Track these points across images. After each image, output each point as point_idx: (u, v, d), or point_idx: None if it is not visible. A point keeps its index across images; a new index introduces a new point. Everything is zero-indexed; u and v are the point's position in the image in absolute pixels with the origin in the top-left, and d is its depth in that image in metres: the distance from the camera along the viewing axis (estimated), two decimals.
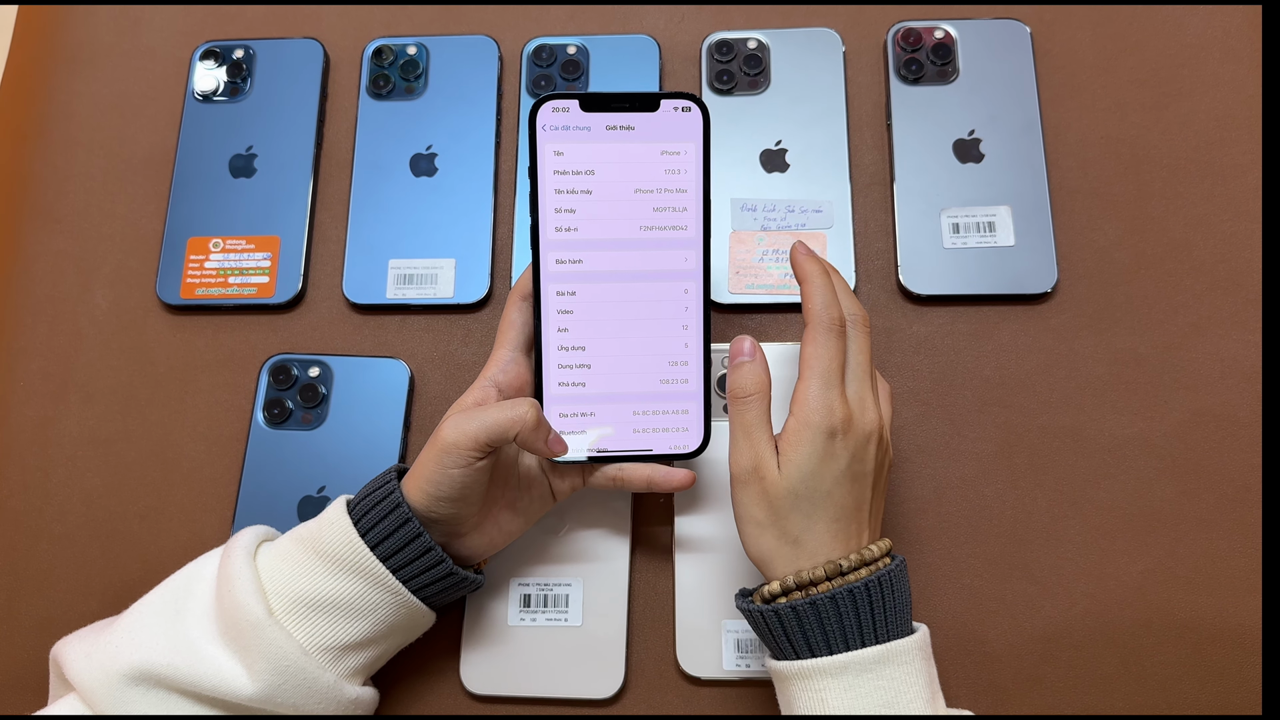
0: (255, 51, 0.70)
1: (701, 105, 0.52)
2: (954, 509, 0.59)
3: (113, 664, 0.46)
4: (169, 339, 0.65)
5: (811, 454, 0.47)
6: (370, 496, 0.50)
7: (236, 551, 0.49)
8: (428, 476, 0.49)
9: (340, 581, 0.48)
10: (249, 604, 0.47)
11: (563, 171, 0.52)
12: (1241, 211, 0.64)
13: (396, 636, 0.52)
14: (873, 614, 0.46)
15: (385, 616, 0.49)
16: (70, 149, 0.70)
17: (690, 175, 0.52)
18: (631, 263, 0.53)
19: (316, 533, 0.49)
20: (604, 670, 0.56)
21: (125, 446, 0.63)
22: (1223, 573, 0.58)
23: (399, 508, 0.49)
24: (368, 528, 0.49)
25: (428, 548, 0.49)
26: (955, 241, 0.63)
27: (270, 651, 0.46)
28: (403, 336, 0.65)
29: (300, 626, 0.48)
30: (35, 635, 0.60)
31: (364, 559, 0.48)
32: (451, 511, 0.50)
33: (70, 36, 0.72)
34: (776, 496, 0.47)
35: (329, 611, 0.48)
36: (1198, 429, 0.60)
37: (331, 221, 0.67)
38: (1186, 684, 0.56)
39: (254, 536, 0.51)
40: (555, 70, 0.68)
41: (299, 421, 0.62)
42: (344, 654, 0.49)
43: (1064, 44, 0.68)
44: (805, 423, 0.47)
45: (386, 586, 0.49)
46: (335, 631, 0.48)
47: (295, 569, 0.49)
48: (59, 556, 0.61)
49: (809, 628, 0.46)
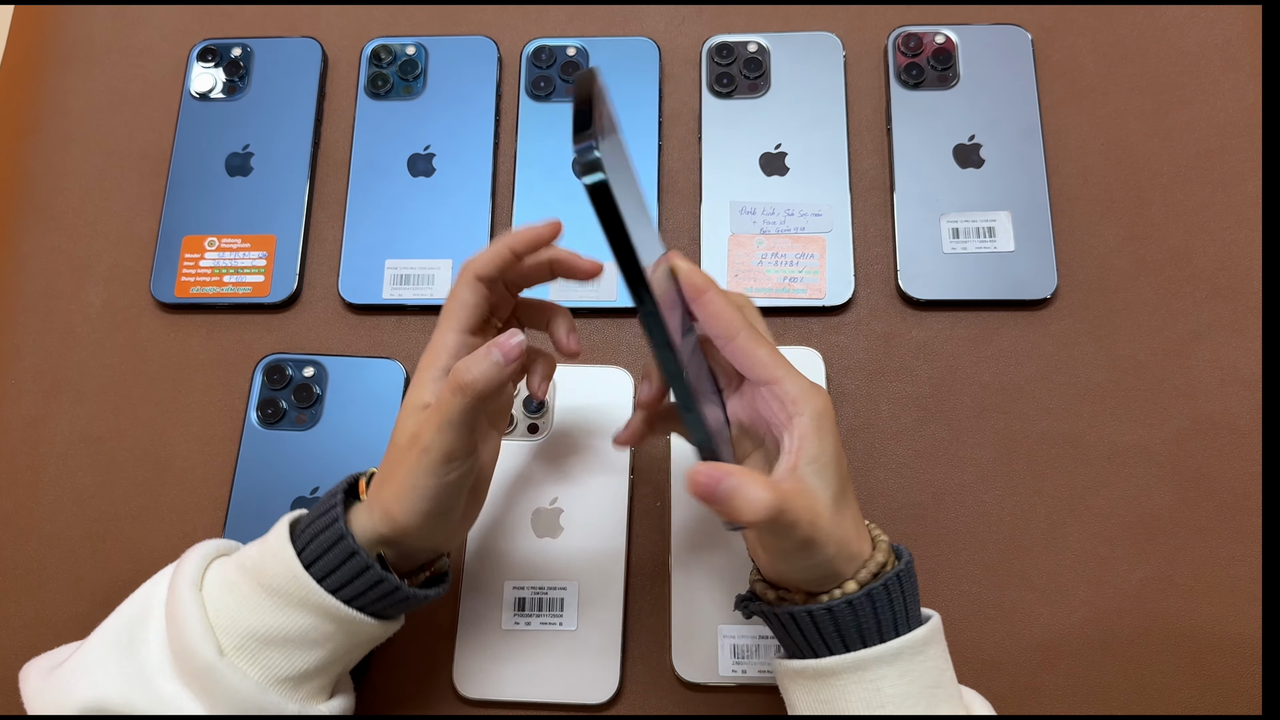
0: (253, 50, 0.69)
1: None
2: (952, 515, 0.59)
3: (68, 698, 0.45)
4: (163, 338, 0.65)
5: (835, 442, 0.44)
6: (314, 524, 0.46)
7: (182, 587, 0.46)
8: (408, 487, 0.45)
9: (288, 616, 0.45)
10: (198, 648, 0.44)
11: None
12: (1241, 219, 0.63)
13: (356, 652, 0.49)
14: (905, 598, 0.45)
15: (341, 642, 0.46)
16: (66, 146, 0.69)
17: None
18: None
19: (259, 563, 0.46)
20: (599, 675, 0.56)
21: (117, 445, 0.63)
22: (1222, 581, 0.57)
23: (342, 539, 0.45)
24: (312, 558, 0.45)
25: (378, 579, 0.45)
26: (955, 247, 0.63)
27: (226, 693, 0.44)
28: (399, 337, 0.64)
29: (252, 664, 0.45)
30: (25, 635, 0.59)
31: (311, 593, 0.45)
32: (432, 525, 0.46)
33: (67, 34, 0.72)
34: (820, 517, 0.43)
35: (280, 645, 0.45)
36: (1197, 436, 0.60)
37: (328, 221, 0.66)
38: (1185, 692, 0.56)
39: (200, 561, 0.48)
40: (555, 72, 0.68)
41: (293, 422, 0.61)
42: (301, 682, 0.46)
43: (1064, 50, 0.68)
44: (818, 415, 0.44)
45: (337, 617, 0.45)
46: (290, 663, 0.45)
47: (241, 604, 0.45)
48: (49, 556, 0.61)
49: (865, 619, 0.44)
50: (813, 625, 0.44)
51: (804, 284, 0.63)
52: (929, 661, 0.45)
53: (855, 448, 0.60)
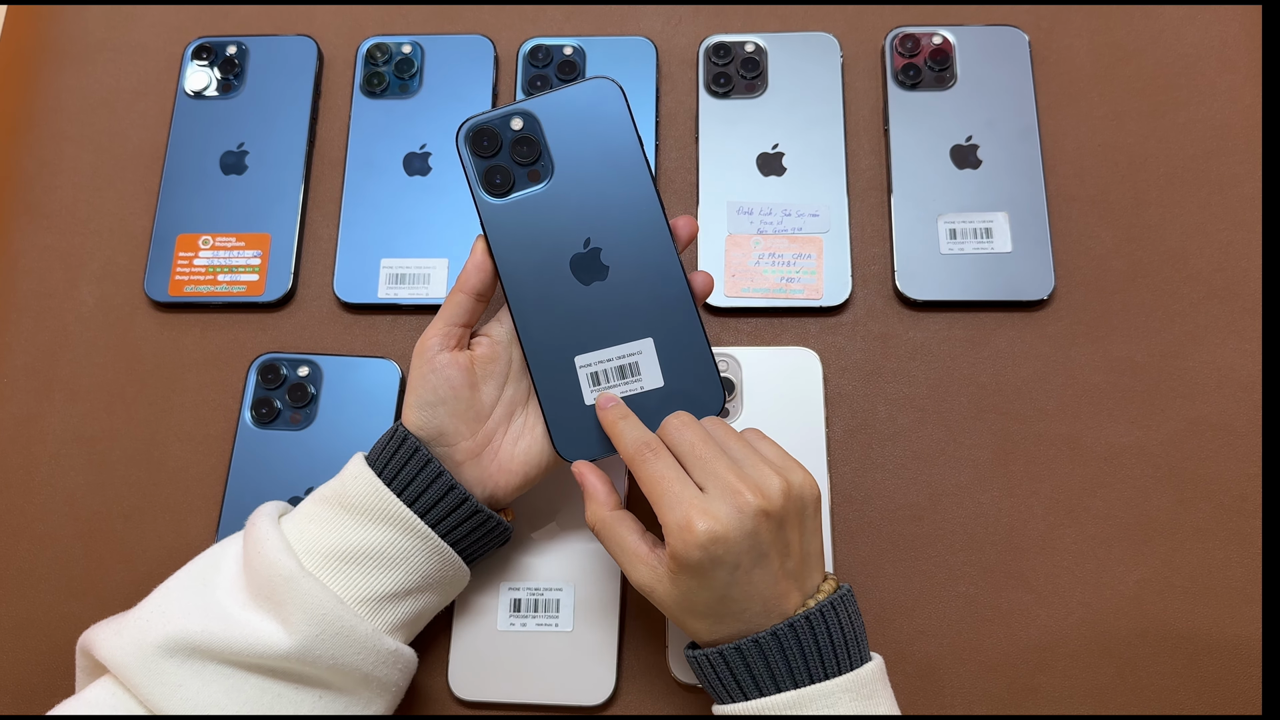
0: (248, 48, 0.69)
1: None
2: (950, 516, 0.59)
3: (145, 638, 0.45)
4: (156, 336, 0.64)
5: (690, 580, 0.45)
6: (387, 446, 0.50)
7: (261, 519, 0.49)
8: (410, 388, 0.51)
9: (370, 531, 0.48)
10: (280, 560, 0.46)
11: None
12: (1238, 221, 0.63)
13: (432, 592, 0.51)
14: (845, 636, 0.47)
15: (419, 564, 0.49)
16: (59, 144, 0.69)
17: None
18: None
19: (340, 489, 0.50)
20: (595, 676, 0.56)
21: (110, 445, 0.62)
22: (1219, 583, 0.57)
23: (418, 450, 0.49)
24: (391, 475, 0.49)
25: (450, 486, 0.49)
26: (952, 247, 0.63)
27: (306, 603, 0.46)
28: (394, 337, 0.64)
29: (334, 579, 0.48)
30: (15, 637, 0.59)
31: (392, 506, 0.49)
32: (436, 421, 0.50)
33: (61, 31, 0.72)
34: (674, 607, 0.47)
35: (361, 562, 0.48)
36: (1194, 438, 0.60)
37: (323, 220, 0.66)
38: (1182, 694, 0.56)
39: (274, 508, 0.51)
40: (551, 71, 0.68)
41: (287, 421, 0.61)
42: (381, 605, 0.49)
43: (1062, 51, 0.68)
44: (673, 554, 0.45)
45: (415, 532, 0.49)
46: (370, 582, 0.48)
47: (323, 526, 0.49)
48: (41, 556, 0.60)
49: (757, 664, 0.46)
50: (724, 664, 0.46)
51: (801, 284, 0.63)
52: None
53: (852, 449, 0.60)
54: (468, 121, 0.51)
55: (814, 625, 0.46)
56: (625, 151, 0.51)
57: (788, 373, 0.61)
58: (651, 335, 0.51)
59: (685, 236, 0.52)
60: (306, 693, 0.47)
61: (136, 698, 0.45)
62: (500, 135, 0.51)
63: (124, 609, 0.49)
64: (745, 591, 0.45)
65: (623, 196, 0.51)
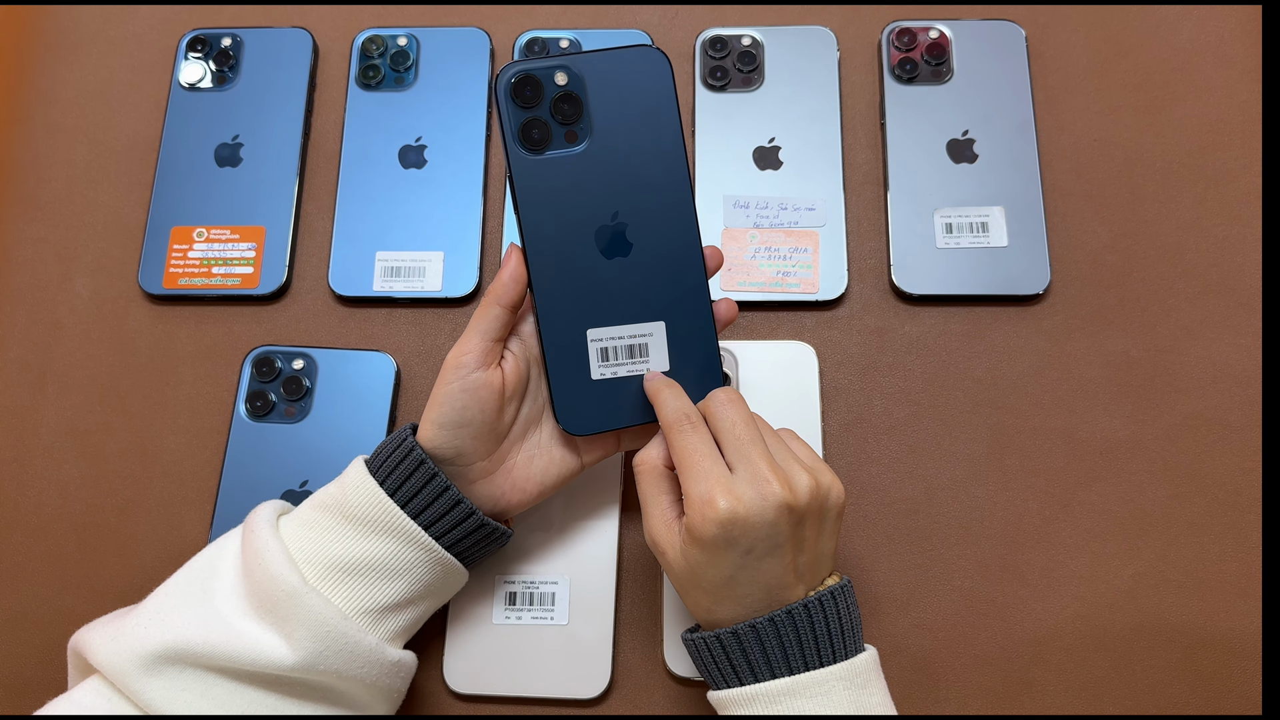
0: (243, 40, 0.69)
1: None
2: (945, 510, 0.59)
3: (141, 645, 0.45)
4: (150, 329, 0.64)
5: (700, 554, 0.45)
6: (392, 455, 0.49)
7: (259, 525, 0.48)
8: (432, 404, 0.49)
9: (372, 543, 0.48)
10: (283, 574, 0.46)
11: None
12: (1233, 216, 0.64)
13: (432, 597, 0.51)
14: (829, 632, 0.47)
15: (421, 575, 0.49)
16: (53, 135, 0.68)
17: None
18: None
19: (340, 497, 0.49)
20: (590, 670, 0.56)
21: (104, 438, 0.62)
22: (1214, 577, 0.57)
23: (424, 463, 0.48)
24: (394, 486, 0.49)
25: (456, 500, 0.49)
26: (948, 241, 0.63)
27: (309, 619, 0.45)
28: (389, 330, 0.64)
29: (337, 591, 0.47)
30: (8, 631, 0.59)
31: (394, 517, 0.48)
32: (457, 442, 0.49)
33: (55, 23, 0.71)
34: (680, 575, 0.47)
35: (364, 574, 0.48)
36: (1189, 432, 0.60)
37: (318, 212, 0.66)
38: (1177, 688, 0.56)
39: (272, 510, 0.50)
40: None
41: (282, 415, 0.61)
42: (383, 616, 0.48)
43: (1058, 46, 0.68)
44: (689, 526, 0.45)
45: (419, 543, 0.48)
46: (373, 594, 0.48)
47: (324, 535, 0.48)
48: (34, 549, 0.60)
49: (789, 641, 0.46)
50: (721, 649, 0.47)
51: (797, 278, 0.62)
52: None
53: (848, 443, 0.60)
54: (510, 69, 0.49)
55: (813, 614, 0.46)
56: (665, 128, 0.50)
57: (784, 366, 0.61)
58: (664, 319, 0.51)
59: (713, 267, 0.52)
60: (307, 703, 0.47)
61: (134, 704, 0.45)
62: (544, 88, 0.49)
63: (118, 602, 0.49)
64: (752, 577, 0.45)
65: (656, 174, 0.50)
